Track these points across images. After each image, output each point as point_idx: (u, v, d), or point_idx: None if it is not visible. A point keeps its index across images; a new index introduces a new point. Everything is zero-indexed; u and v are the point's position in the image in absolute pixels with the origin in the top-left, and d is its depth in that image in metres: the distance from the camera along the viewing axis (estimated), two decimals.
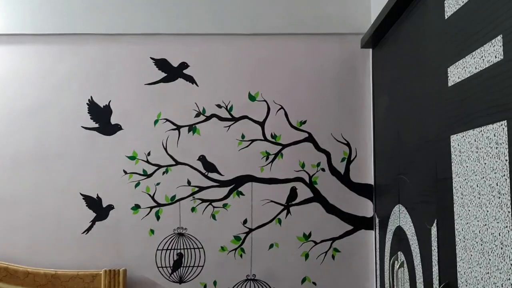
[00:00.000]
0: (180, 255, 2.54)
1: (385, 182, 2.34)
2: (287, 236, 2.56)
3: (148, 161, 2.58)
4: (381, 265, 2.39)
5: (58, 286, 2.43)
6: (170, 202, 2.57)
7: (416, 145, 1.85)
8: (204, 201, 2.57)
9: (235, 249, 2.55)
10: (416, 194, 1.84)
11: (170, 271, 2.54)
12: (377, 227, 2.48)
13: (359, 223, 2.56)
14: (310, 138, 2.60)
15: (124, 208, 2.56)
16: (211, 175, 2.58)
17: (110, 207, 2.56)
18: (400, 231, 2.04)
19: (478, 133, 1.35)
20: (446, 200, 1.55)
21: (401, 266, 2.01)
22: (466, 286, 1.41)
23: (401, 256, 2.03)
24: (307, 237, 2.56)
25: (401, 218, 2.04)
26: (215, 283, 2.54)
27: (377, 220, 2.48)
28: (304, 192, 2.58)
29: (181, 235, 2.55)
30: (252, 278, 2.54)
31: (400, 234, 2.04)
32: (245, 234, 2.56)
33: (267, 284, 2.54)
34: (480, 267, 1.33)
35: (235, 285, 2.54)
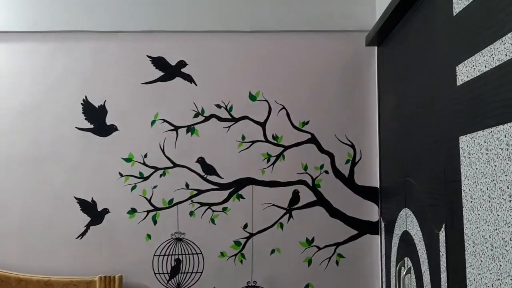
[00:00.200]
0: (178, 261, 2.54)
1: (391, 185, 2.33)
2: (289, 241, 2.55)
3: (144, 163, 2.58)
4: (387, 271, 2.38)
5: None
6: (168, 206, 2.56)
7: (424, 146, 1.85)
8: (203, 204, 2.56)
9: (235, 254, 2.55)
10: (424, 197, 1.84)
11: (168, 278, 2.53)
12: (383, 232, 2.47)
13: (364, 228, 2.56)
14: (313, 139, 2.59)
15: (120, 212, 2.56)
16: (210, 178, 2.58)
17: (105, 211, 2.56)
18: (407, 236, 2.04)
19: (488, 134, 1.35)
20: (455, 204, 1.54)
21: (408, 272, 2.00)
22: None
23: (408, 262, 2.02)
24: (310, 242, 2.56)
25: (408, 222, 2.03)
26: None
27: (383, 224, 2.48)
28: (307, 196, 2.57)
29: (179, 240, 2.55)
30: (253, 285, 2.53)
31: (407, 239, 2.04)
32: (245, 239, 2.56)
33: None
34: (491, 274, 1.33)
35: None
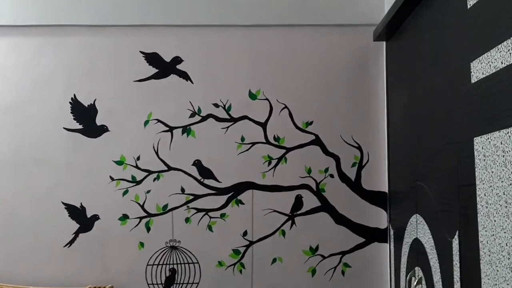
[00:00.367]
0: (173, 271, 2.54)
1: (400, 190, 2.33)
2: (291, 250, 2.56)
3: (137, 166, 2.58)
4: (396, 282, 2.38)
5: None
6: (162, 211, 2.56)
7: (436, 148, 1.85)
8: (199, 210, 2.56)
9: (234, 264, 2.55)
10: (436, 202, 1.84)
11: None
12: (391, 240, 2.47)
13: (372, 235, 2.56)
14: (317, 141, 2.59)
15: (111, 219, 2.56)
16: (207, 182, 2.58)
17: (95, 217, 2.56)
18: (417, 244, 2.04)
19: (505, 134, 1.35)
20: (469, 209, 1.54)
21: (419, 283, 2.00)
22: None
23: (419, 272, 2.02)
24: (314, 250, 2.56)
25: (418, 229, 2.03)
26: None
27: (391, 231, 2.48)
28: (311, 201, 2.58)
29: (174, 248, 2.54)
30: None
31: (417, 248, 2.04)
32: (245, 248, 2.56)
33: None
34: (507, 284, 1.33)
35: None
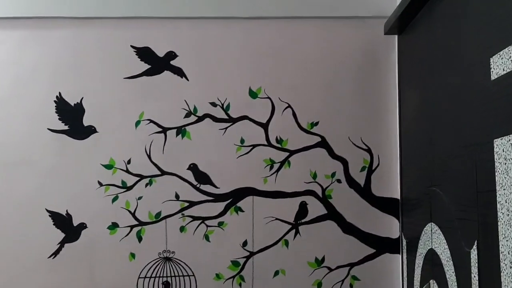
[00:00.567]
0: (167, 284, 2.54)
1: (414, 196, 2.33)
2: (295, 261, 2.55)
3: (128, 170, 2.58)
4: None
5: None
6: (155, 220, 2.56)
7: (452, 150, 1.84)
8: (195, 218, 2.56)
9: (233, 276, 2.55)
10: (452, 210, 1.83)
11: None
12: (404, 251, 2.47)
13: (383, 246, 2.56)
14: (323, 143, 2.59)
15: (99, 227, 2.55)
16: (204, 188, 2.58)
17: (82, 226, 2.55)
18: (432, 255, 2.04)
19: None
20: (489, 217, 1.54)
21: None
22: None
23: (434, 285, 2.02)
24: (319, 262, 2.56)
25: (433, 239, 2.03)
26: None
27: (404, 242, 2.48)
28: (316, 208, 2.57)
29: (167, 259, 2.54)
30: None
31: (432, 259, 2.03)
32: (245, 259, 2.56)
33: None
34: None
35: None
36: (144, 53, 2.61)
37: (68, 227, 2.55)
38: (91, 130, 2.59)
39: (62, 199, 2.56)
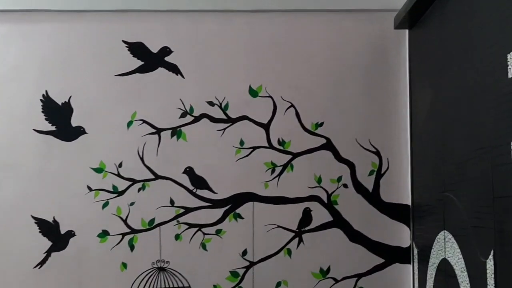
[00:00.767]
0: None
1: (426, 202, 2.33)
2: (299, 272, 2.55)
3: (119, 174, 2.58)
4: None
5: None
6: (148, 227, 2.56)
7: (467, 154, 1.84)
8: (191, 226, 2.56)
9: None
10: (467, 217, 1.83)
11: None
12: (415, 261, 2.47)
13: (393, 255, 2.56)
14: (329, 145, 2.59)
15: (89, 235, 2.55)
16: (201, 193, 2.58)
17: (70, 233, 2.55)
18: (445, 266, 2.03)
19: None
20: (506, 225, 1.54)
21: None
22: None
23: None
24: (325, 273, 2.55)
25: (447, 248, 2.03)
26: None
27: (415, 251, 2.48)
28: (321, 215, 2.57)
29: (162, 270, 2.54)
30: None
31: (445, 269, 2.03)
32: (244, 269, 2.56)
33: None
34: None
35: None
36: (137, 48, 2.61)
37: (55, 235, 2.55)
38: (79, 131, 2.58)
39: (49, 205, 2.55)
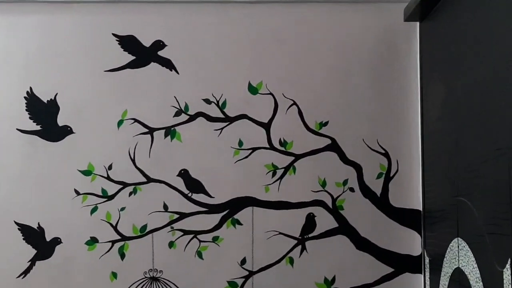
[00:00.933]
0: None
1: (438, 207, 2.32)
2: (302, 282, 2.56)
3: (109, 177, 2.58)
4: None
5: None
6: (140, 234, 2.56)
7: (483, 155, 1.84)
8: (186, 232, 2.57)
9: None
10: (483, 223, 1.83)
11: None
12: (427, 270, 2.47)
13: (403, 264, 2.56)
14: (334, 146, 2.60)
15: (76, 243, 2.55)
16: (196, 197, 2.58)
17: (56, 241, 2.55)
18: (459, 275, 2.03)
19: None
20: None
21: None
22: None
23: None
24: (329, 283, 2.55)
25: (461, 257, 2.02)
26: None
27: (427, 260, 2.48)
28: (326, 221, 2.58)
29: (154, 280, 2.54)
30: None
31: (459, 279, 2.03)
32: (243, 279, 2.56)
33: None
34: None
35: None
36: (128, 42, 2.61)
37: (40, 242, 2.55)
38: (66, 131, 2.59)
39: (33, 210, 2.56)
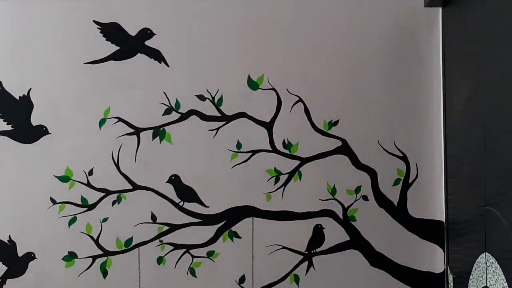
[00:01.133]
0: None
1: (463, 218, 2.32)
2: None
3: (89, 183, 2.58)
4: None
5: None
6: (124, 248, 2.57)
7: None
8: (177, 247, 2.57)
9: None
10: None
11: None
12: None
13: (423, 283, 2.56)
14: (345, 148, 2.59)
15: (52, 258, 2.55)
16: (189, 206, 2.57)
17: (30, 256, 2.55)
18: None
19: None
20: None
21: None
22: None
23: None
24: None
25: (488, 274, 2.01)
26: None
27: (450, 278, 2.47)
28: (336, 234, 2.57)
29: None
30: None
31: None
32: None
33: None
34: None
35: None
36: (111, 30, 2.61)
37: (11, 258, 2.55)
38: (41, 131, 2.58)
39: (4, 222, 2.56)
